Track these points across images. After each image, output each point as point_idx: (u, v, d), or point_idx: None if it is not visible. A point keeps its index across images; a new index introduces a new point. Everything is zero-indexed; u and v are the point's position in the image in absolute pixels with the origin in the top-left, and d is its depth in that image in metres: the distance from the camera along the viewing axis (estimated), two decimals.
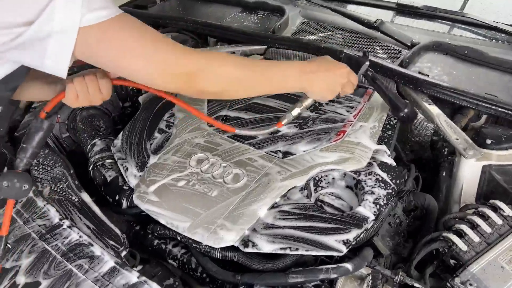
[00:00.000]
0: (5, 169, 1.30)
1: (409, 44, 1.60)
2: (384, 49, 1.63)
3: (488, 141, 1.18)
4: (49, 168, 1.27)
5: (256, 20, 1.86)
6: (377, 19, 1.66)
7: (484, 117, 1.40)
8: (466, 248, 0.95)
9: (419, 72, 1.42)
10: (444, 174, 1.26)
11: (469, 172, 1.19)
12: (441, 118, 1.28)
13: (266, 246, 0.95)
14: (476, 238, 0.97)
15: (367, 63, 1.12)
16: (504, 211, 1.01)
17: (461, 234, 0.98)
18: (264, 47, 1.67)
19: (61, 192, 1.18)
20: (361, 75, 1.14)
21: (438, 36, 1.65)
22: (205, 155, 1.16)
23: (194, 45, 1.80)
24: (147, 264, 1.14)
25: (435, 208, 1.16)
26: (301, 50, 1.60)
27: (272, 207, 1.03)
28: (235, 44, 1.70)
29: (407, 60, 1.47)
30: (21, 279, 0.96)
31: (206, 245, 0.99)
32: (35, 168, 1.27)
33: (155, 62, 0.78)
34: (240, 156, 1.16)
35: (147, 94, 1.43)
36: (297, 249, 0.93)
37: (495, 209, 1.02)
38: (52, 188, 1.20)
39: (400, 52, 1.60)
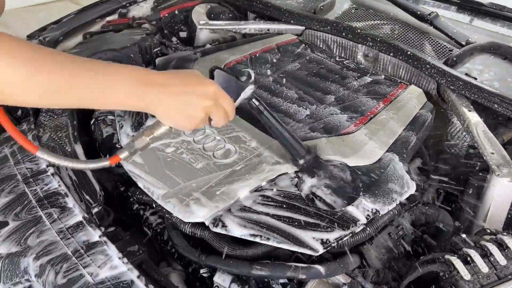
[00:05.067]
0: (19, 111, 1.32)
1: (463, 43, 1.40)
2: (434, 46, 1.46)
3: None
4: (55, 116, 1.26)
5: (301, 0, 1.74)
6: (432, 12, 1.48)
7: None
8: (470, 277, 0.79)
9: (466, 74, 1.24)
10: (470, 192, 1.08)
11: (500, 193, 1.01)
12: (479, 128, 1.10)
13: (236, 230, 0.85)
14: (484, 268, 0.80)
15: (252, 87, 0.82)
16: None
17: (467, 260, 0.82)
18: (302, 28, 1.56)
19: (58, 140, 1.17)
20: (242, 104, 0.85)
21: (502, 39, 1.44)
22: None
23: (231, 18, 1.72)
24: (127, 228, 1.10)
25: (449, 227, 0.99)
26: (339, 35, 1.47)
27: (256, 190, 0.93)
28: (271, 22, 1.61)
29: (455, 59, 1.29)
30: None
31: (177, 218, 0.91)
32: (43, 114, 1.26)
33: None
34: (239, 132, 1.06)
35: (164, 57, 1.38)
36: (268, 239, 0.83)
37: None
38: (51, 135, 1.18)
39: (451, 51, 1.41)
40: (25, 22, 2.01)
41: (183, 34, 1.74)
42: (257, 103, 0.86)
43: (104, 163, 0.81)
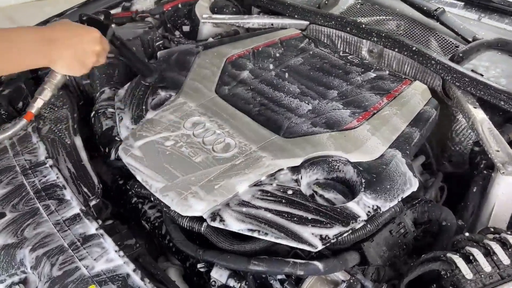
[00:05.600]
0: (20, 103, 1.32)
1: (470, 39, 1.38)
2: (440, 42, 1.43)
3: None
4: (56, 109, 1.25)
5: None
6: (438, 8, 1.45)
7: None
8: (472, 276, 0.78)
9: (472, 70, 1.22)
10: (474, 190, 1.06)
11: (504, 191, 0.99)
12: (485, 125, 1.08)
13: (234, 224, 0.84)
14: (487, 268, 0.78)
15: (113, 25, 1.03)
16: None
17: (469, 259, 0.80)
18: (306, 22, 1.54)
19: (57, 132, 1.16)
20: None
21: (510, 36, 1.41)
22: (202, 119, 1.07)
23: (234, 12, 1.71)
24: (126, 222, 1.09)
25: (452, 225, 0.97)
26: (343, 30, 1.45)
27: (255, 185, 0.92)
28: (275, 16, 1.59)
29: (461, 55, 1.27)
30: None
31: (175, 211, 0.90)
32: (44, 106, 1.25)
33: None
34: (240, 126, 1.05)
35: (166, 51, 1.37)
36: (266, 234, 0.81)
37: None
38: (51, 127, 1.18)
39: (457, 47, 1.39)
40: (31, 16, 2.01)
41: (186, 28, 1.73)
42: (118, 39, 1.09)
43: (22, 122, 0.97)
